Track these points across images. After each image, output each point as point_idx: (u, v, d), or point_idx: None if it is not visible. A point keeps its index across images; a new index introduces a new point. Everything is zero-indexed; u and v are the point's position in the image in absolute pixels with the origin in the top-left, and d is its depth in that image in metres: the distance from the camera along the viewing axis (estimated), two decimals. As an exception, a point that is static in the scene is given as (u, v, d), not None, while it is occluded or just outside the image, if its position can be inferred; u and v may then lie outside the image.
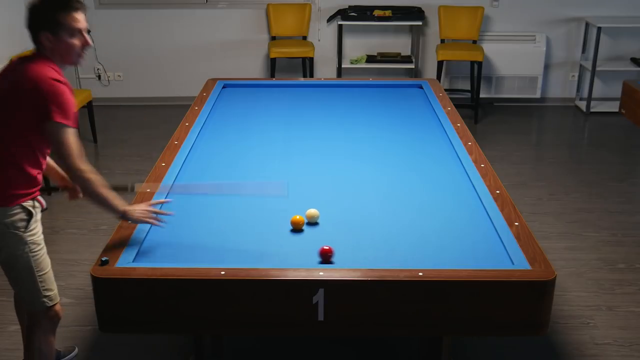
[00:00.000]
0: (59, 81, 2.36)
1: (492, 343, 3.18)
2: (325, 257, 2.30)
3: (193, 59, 6.73)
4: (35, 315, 2.64)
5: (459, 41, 6.53)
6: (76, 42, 2.40)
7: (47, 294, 2.60)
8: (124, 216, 2.44)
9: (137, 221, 2.44)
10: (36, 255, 2.56)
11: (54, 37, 2.36)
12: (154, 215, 2.46)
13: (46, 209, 2.64)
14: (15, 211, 2.47)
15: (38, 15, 2.35)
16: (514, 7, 6.58)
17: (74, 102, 2.43)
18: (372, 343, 3.17)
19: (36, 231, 2.57)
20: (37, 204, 2.58)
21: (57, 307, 2.67)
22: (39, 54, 2.41)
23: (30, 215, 2.52)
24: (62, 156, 2.38)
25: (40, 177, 2.56)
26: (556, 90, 6.88)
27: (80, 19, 2.38)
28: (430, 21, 6.64)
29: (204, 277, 2.16)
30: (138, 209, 2.46)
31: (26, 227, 2.51)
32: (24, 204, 2.49)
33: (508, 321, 2.19)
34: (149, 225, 2.49)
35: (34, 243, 2.55)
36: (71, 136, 2.38)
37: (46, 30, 2.35)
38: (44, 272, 2.59)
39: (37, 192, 2.57)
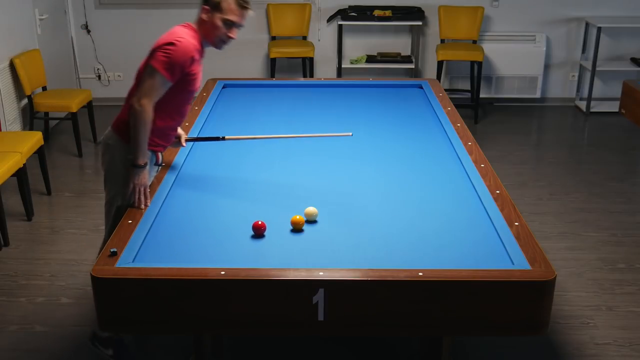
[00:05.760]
0: (179, 41, 2.60)
1: (492, 343, 3.18)
2: (259, 231, 2.45)
3: (193, 59, 6.72)
4: None
5: (459, 41, 6.53)
6: (223, 29, 2.68)
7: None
8: (133, 165, 2.64)
9: (132, 184, 2.63)
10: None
11: (209, 13, 2.67)
12: (143, 196, 2.63)
13: (162, 164, 2.92)
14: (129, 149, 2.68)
15: None
16: (514, 7, 6.58)
17: (179, 62, 2.61)
18: (372, 343, 3.17)
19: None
20: (154, 156, 2.82)
21: None
22: (191, 25, 2.74)
23: None
24: (137, 88, 2.65)
25: (167, 130, 2.81)
26: (556, 90, 6.88)
27: (238, 15, 2.68)
28: (430, 21, 6.64)
29: (204, 277, 2.16)
30: (143, 179, 2.64)
31: None
32: None
33: (508, 321, 2.19)
34: (149, 225, 2.49)
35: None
36: (153, 79, 2.60)
37: (209, 5, 2.67)
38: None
39: (160, 148, 2.83)
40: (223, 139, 3.13)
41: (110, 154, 2.77)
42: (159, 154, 2.87)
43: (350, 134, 3.20)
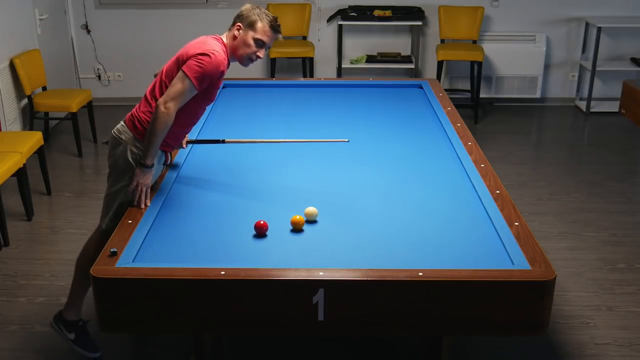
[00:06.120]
0: (214, 54, 2.65)
1: (492, 343, 3.18)
2: (261, 230, 2.46)
3: (193, 59, 6.71)
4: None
5: (459, 41, 6.53)
6: (253, 47, 2.74)
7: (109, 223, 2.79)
8: (142, 166, 2.67)
9: (136, 182, 2.66)
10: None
11: (242, 31, 2.75)
12: (145, 195, 2.66)
13: (169, 164, 2.97)
14: (141, 146, 2.74)
15: (245, 15, 2.76)
16: (514, 7, 6.58)
17: (210, 74, 2.67)
18: (371, 343, 3.17)
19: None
20: (163, 156, 2.88)
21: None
22: (221, 38, 2.79)
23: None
24: (166, 92, 2.66)
25: (180, 133, 2.87)
26: (556, 90, 6.88)
27: (269, 36, 2.76)
28: (430, 21, 6.64)
29: (204, 277, 2.16)
30: (147, 179, 2.67)
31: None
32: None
33: (508, 321, 2.19)
34: (149, 225, 2.50)
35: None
36: (183, 85, 2.64)
37: (242, 22, 2.75)
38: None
39: (169, 148, 2.89)
40: (223, 141, 3.15)
41: (122, 148, 2.77)
42: (169, 154, 2.93)
43: (347, 140, 3.21)
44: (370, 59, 6.63)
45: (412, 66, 6.57)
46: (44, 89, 5.65)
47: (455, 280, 2.14)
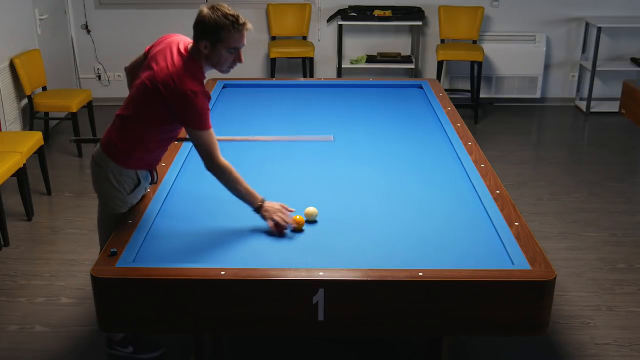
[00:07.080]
0: (193, 91, 2.48)
1: (492, 343, 3.18)
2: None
3: (193, 59, 6.71)
4: None
5: (459, 41, 6.53)
6: (229, 57, 2.55)
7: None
8: (257, 210, 2.58)
9: (268, 218, 2.54)
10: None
11: (211, 48, 2.52)
12: (285, 217, 2.54)
13: (155, 182, 2.84)
14: (128, 172, 2.67)
15: (205, 25, 2.49)
16: (514, 7, 6.58)
17: (205, 106, 2.54)
18: (372, 343, 3.17)
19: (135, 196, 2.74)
20: (148, 175, 2.77)
21: None
22: (192, 55, 2.56)
23: (139, 181, 2.71)
24: (200, 155, 2.58)
25: (162, 154, 2.79)
26: (556, 90, 6.88)
27: (240, 39, 2.53)
28: (430, 21, 6.64)
29: (204, 277, 2.16)
30: (273, 207, 2.57)
31: (132, 190, 2.70)
32: (138, 170, 2.70)
33: (508, 321, 2.19)
34: (149, 225, 2.49)
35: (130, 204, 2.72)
36: (202, 137, 2.53)
37: (207, 40, 2.50)
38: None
39: (155, 164, 2.80)
40: None
41: (104, 176, 2.68)
42: (154, 173, 2.80)
43: (332, 137, 3.18)
44: (370, 59, 6.63)
45: (412, 66, 6.57)
46: (44, 89, 5.65)
47: (455, 280, 2.15)
